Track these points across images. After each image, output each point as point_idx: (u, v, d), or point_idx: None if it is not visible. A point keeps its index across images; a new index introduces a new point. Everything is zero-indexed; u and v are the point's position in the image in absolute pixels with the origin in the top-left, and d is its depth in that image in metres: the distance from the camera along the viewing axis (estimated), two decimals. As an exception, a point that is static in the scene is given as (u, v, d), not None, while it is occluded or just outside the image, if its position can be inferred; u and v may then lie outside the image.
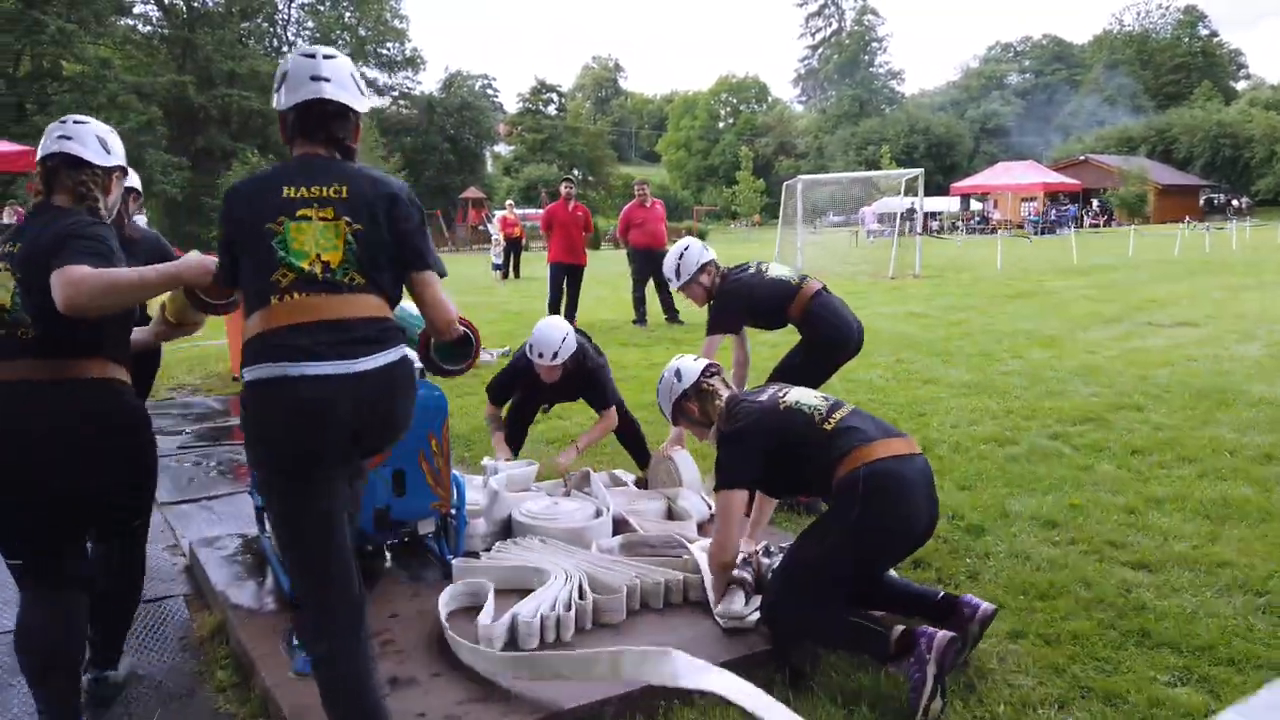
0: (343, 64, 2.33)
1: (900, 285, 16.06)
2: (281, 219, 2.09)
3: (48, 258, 2.19)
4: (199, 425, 6.27)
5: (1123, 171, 48.86)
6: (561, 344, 4.13)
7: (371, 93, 57.34)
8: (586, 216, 10.62)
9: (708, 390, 3.09)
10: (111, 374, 2.34)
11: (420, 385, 3.07)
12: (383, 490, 3.02)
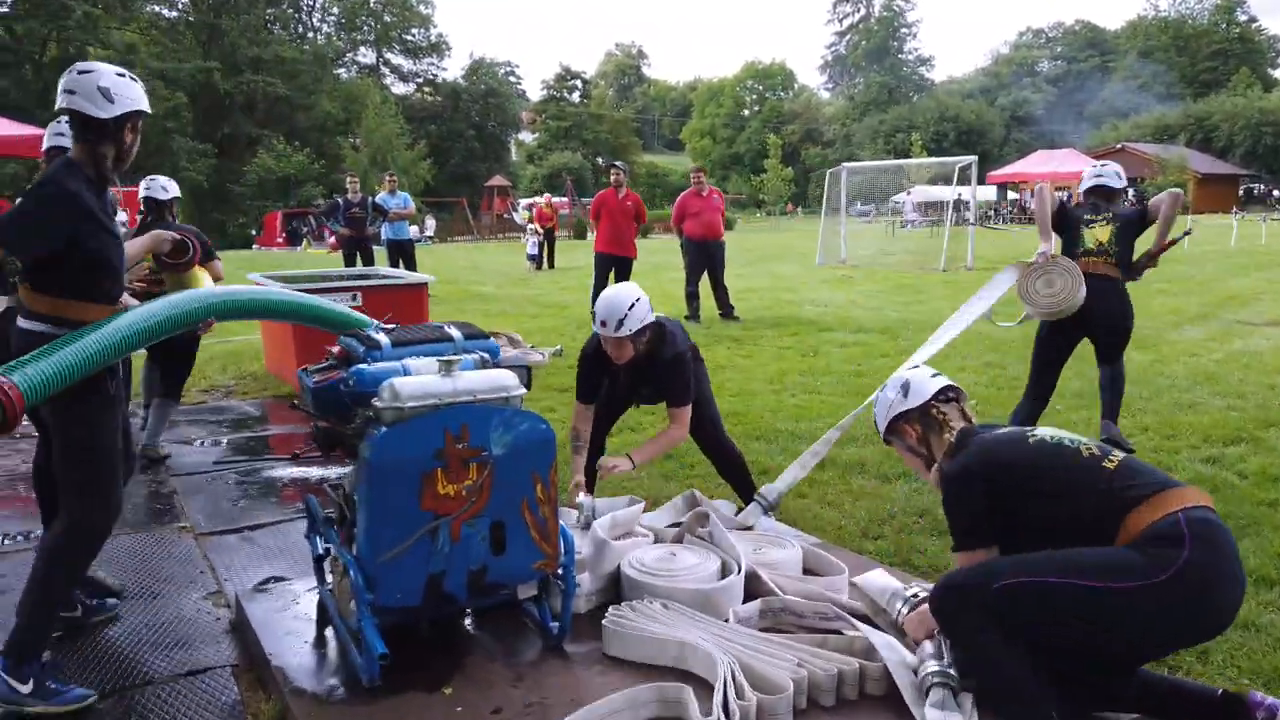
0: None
1: (954, 279, 15.31)
2: None
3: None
4: (234, 434, 5.72)
5: (1162, 160, 47.61)
6: (629, 311, 3.43)
7: (395, 79, 57.18)
8: (638, 206, 9.97)
9: (937, 418, 2.50)
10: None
11: (525, 416, 2.48)
12: (478, 548, 2.43)
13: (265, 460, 5.06)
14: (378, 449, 2.30)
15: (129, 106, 2.55)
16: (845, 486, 4.27)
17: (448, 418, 2.37)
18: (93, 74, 2.53)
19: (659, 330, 3.64)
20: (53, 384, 2.31)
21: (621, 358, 3.56)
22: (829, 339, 8.78)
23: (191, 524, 4.03)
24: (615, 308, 3.46)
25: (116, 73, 2.57)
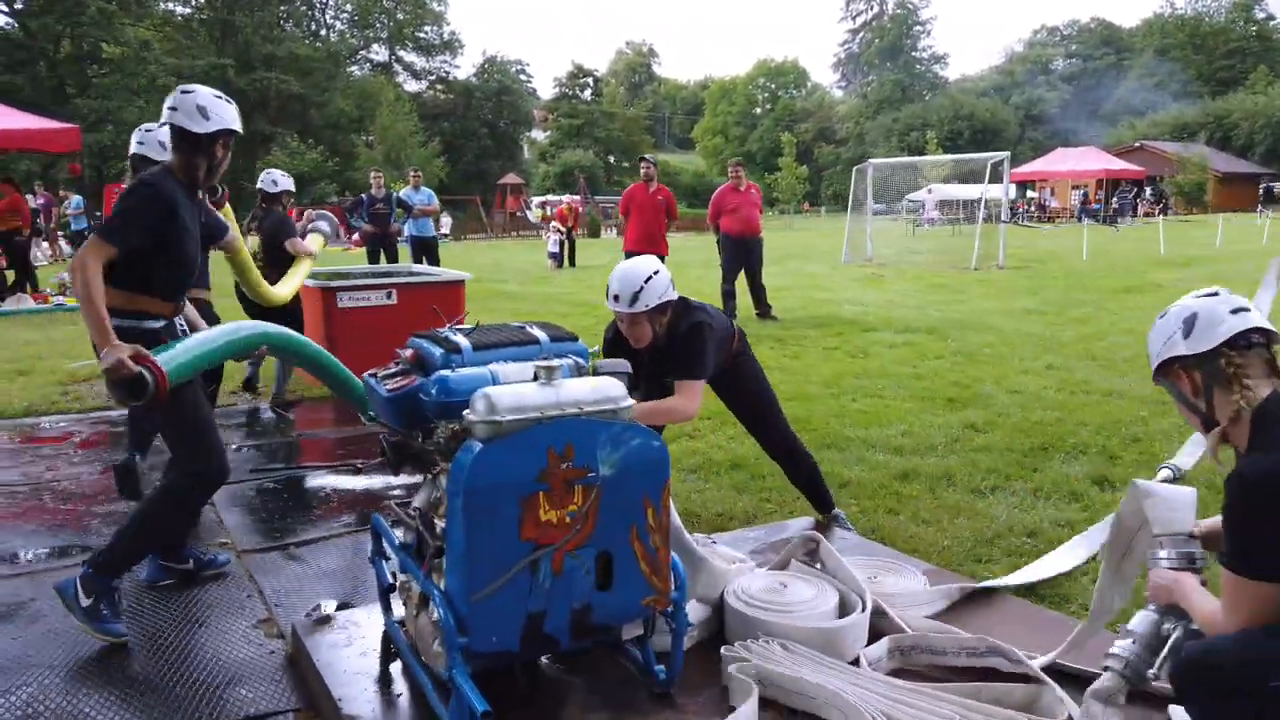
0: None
1: (987, 277, 14.94)
2: None
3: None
4: (267, 439, 5.42)
5: (1181, 158, 47.07)
6: (645, 284, 3.07)
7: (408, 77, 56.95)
8: (670, 201, 9.63)
9: (1227, 371, 1.84)
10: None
11: (635, 430, 2.15)
12: (582, 583, 2.11)
13: (304, 468, 4.75)
14: (473, 470, 1.98)
15: (221, 125, 2.89)
16: (936, 501, 3.93)
17: (551, 434, 2.05)
18: (193, 94, 2.88)
19: (682, 306, 3.26)
20: (188, 371, 2.76)
21: (640, 339, 3.17)
22: (875, 340, 8.44)
23: (233, 540, 3.72)
24: (630, 279, 3.08)
25: (214, 94, 2.94)
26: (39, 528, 3.86)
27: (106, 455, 5.05)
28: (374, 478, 4.51)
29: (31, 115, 12.67)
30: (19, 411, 6.02)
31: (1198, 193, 46.55)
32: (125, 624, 2.86)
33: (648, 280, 3.09)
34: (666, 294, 3.13)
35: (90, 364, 7.60)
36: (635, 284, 3.08)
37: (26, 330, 9.69)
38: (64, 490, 4.39)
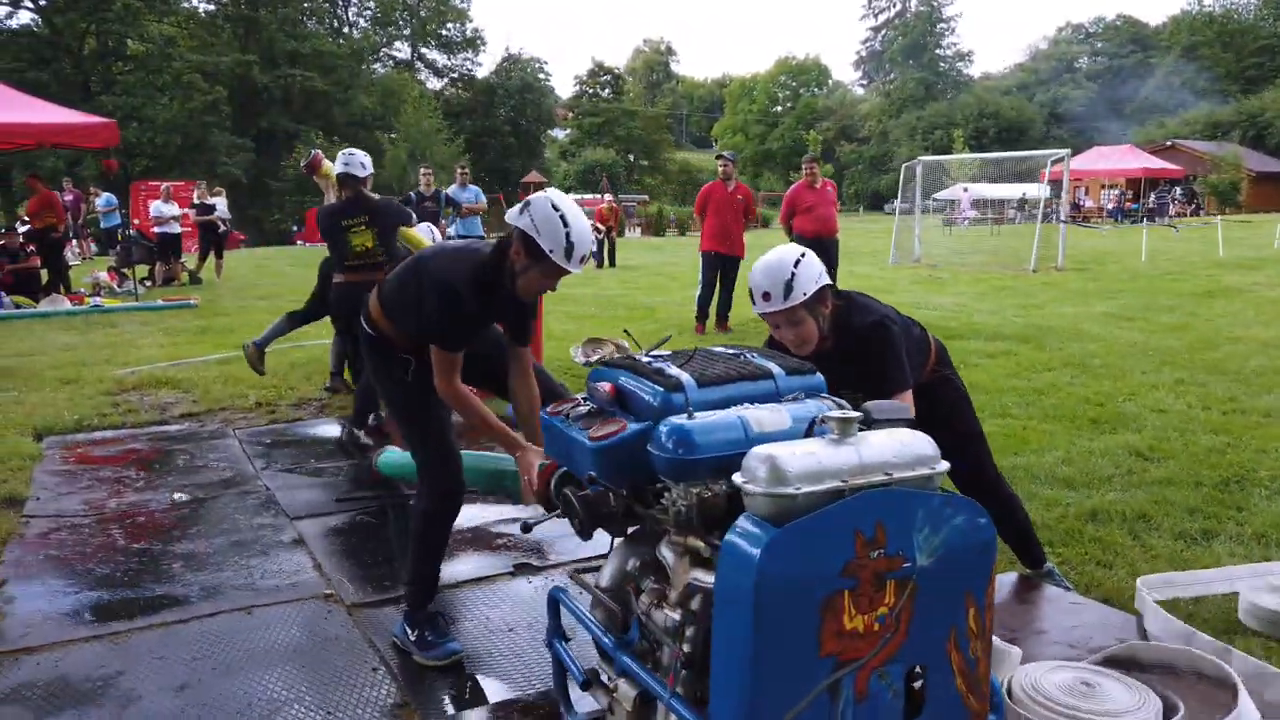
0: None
1: (1050, 280, 14.33)
2: None
3: (396, 219, 5.36)
4: (344, 461, 4.92)
5: (1215, 158, 46.20)
6: (795, 270, 2.52)
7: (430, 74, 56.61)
8: (749, 200, 9.12)
9: None
10: None
11: (958, 504, 1.63)
12: (888, 709, 1.58)
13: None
14: (765, 563, 1.46)
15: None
16: (1145, 549, 3.38)
17: (857, 511, 1.53)
18: (570, 228, 2.53)
19: (842, 297, 2.71)
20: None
21: (806, 341, 2.58)
22: (969, 349, 7.87)
23: (336, 590, 3.22)
24: (776, 268, 2.54)
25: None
26: (114, 572, 3.37)
27: (172, 478, 4.56)
28: (483, 506, 4.00)
29: (68, 110, 12.25)
30: (70, 426, 5.55)
31: (1232, 192, 45.65)
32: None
33: (797, 265, 2.53)
34: (822, 278, 2.57)
35: (138, 370, 7.15)
36: (784, 272, 2.52)
37: (65, 334, 9.26)
38: (134, 523, 3.90)
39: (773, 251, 2.60)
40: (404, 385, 2.77)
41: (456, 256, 2.63)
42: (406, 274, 2.73)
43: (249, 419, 5.85)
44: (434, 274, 2.59)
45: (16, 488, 4.29)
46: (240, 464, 4.85)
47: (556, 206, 2.44)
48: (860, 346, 2.60)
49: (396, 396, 2.84)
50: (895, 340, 2.63)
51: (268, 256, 23.12)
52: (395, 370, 2.76)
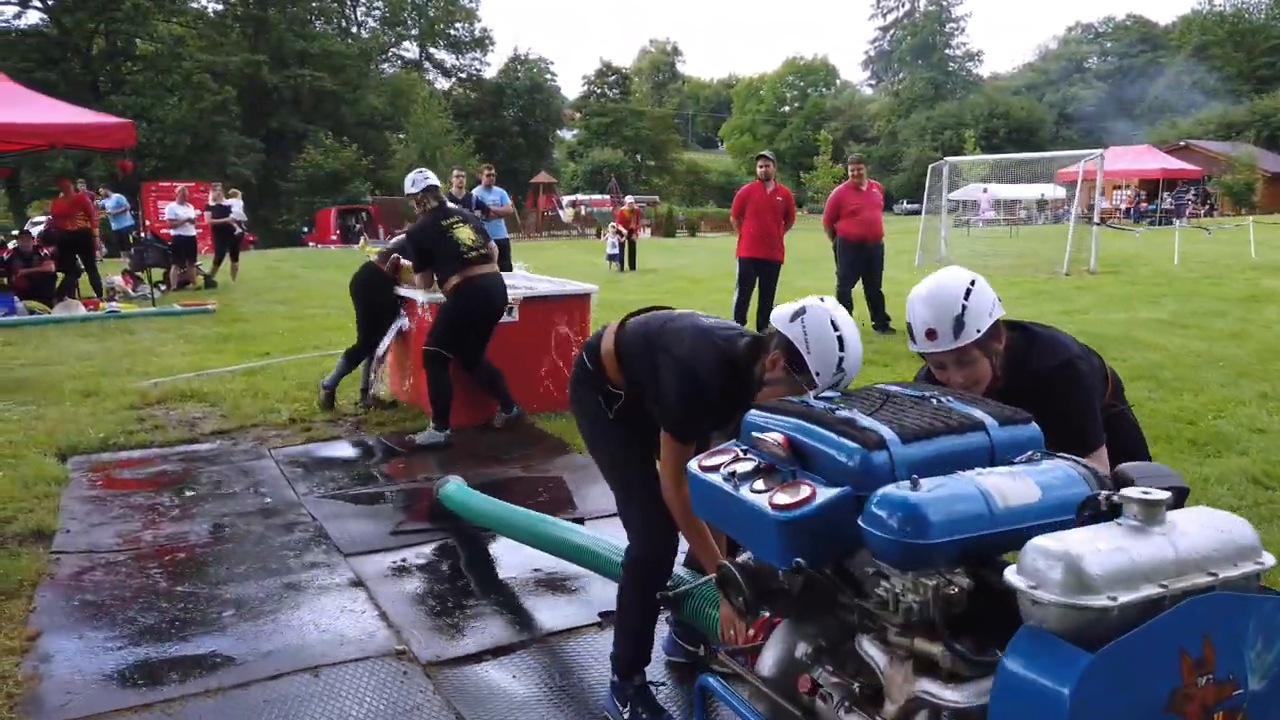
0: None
1: (1085, 283, 13.97)
2: None
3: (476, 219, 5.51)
4: (390, 485, 4.58)
5: (1230, 158, 45.80)
6: (966, 303, 2.10)
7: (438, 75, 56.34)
8: (789, 201, 8.75)
9: None
10: None
11: None
12: None
13: (457, 528, 3.89)
14: (1078, 700, 1.12)
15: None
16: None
17: (1182, 625, 1.18)
18: (835, 342, 2.17)
19: (1016, 329, 2.28)
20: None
21: (975, 383, 2.14)
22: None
23: (408, 644, 2.88)
24: (943, 300, 2.10)
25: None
26: (159, 623, 3.03)
27: (209, 505, 4.23)
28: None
29: (83, 110, 11.93)
30: (95, 444, 5.22)
31: (1246, 193, 45.25)
32: None
33: (968, 295, 2.11)
34: (996, 309, 2.16)
35: (161, 382, 6.82)
36: (952, 305, 2.09)
37: (82, 341, 8.93)
38: (174, 560, 3.56)
39: (934, 279, 2.20)
40: (605, 421, 2.49)
41: (704, 339, 2.29)
42: (648, 339, 2.40)
43: (283, 436, 5.52)
44: (676, 352, 2.28)
45: (44, 518, 3.96)
46: (280, 489, 4.51)
47: (836, 325, 2.06)
48: (1041, 388, 2.16)
49: (599, 433, 2.55)
50: (1087, 386, 2.22)
51: (280, 259, 22.81)
52: (599, 404, 2.49)
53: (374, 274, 5.95)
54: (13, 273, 11.07)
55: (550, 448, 5.18)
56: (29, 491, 4.31)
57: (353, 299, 6.09)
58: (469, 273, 5.14)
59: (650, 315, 2.50)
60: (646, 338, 2.40)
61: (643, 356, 2.38)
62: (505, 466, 4.85)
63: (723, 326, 2.36)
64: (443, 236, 5.21)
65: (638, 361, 2.40)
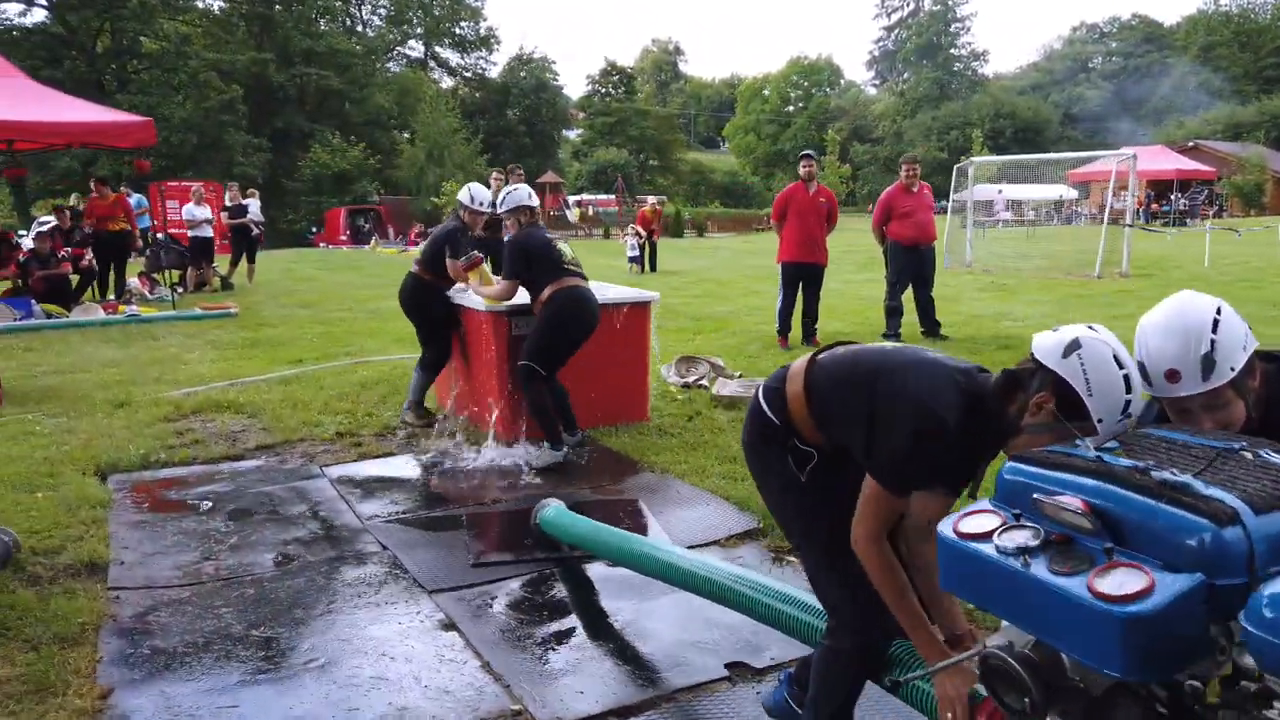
0: None
1: (1121, 287, 13.67)
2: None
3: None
4: (459, 508, 4.28)
5: (1240, 159, 45.57)
6: (1214, 337, 1.74)
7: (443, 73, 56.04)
8: (832, 203, 8.47)
9: None
10: None
11: None
12: None
13: (543, 558, 3.59)
14: None
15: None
16: None
17: None
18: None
19: (1270, 355, 1.93)
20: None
21: (1226, 427, 1.79)
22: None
23: (525, 705, 2.57)
24: (1187, 335, 1.75)
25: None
26: (243, 679, 2.72)
27: (268, 532, 3.93)
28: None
29: (102, 108, 11.64)
30: (136, 462, 4.92)
31: (1256, 194, 45.02)
32: None
33: (1216, 327, 1.75)
34: (1249, 342, 1.79)
35: (194, 392, 6.52)
36: (1198, 340, 1.73)
37: (104, 347, 8.63)
38: (242, 598, 3.26)
39: (1170, 307, 1.83)
40: (797, 486, 2.11)
41: (940, 374, 1.94)
42: (858, 376, 2.04)
43: (333, 452, 5.22)
44: (906, 389, 1.92)
45: (95, 547, 3.66)
46: (340, 512, 4.22)
47: (1120, 361, 1.70)
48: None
49: (791, 500, 2.17)
50: None
51: (293, 260, 22.52)
52: (788, 464, 2.11)
53: (419, 284, 5.63)
54: (29, 275, 10.77)
55: (618, 467, 4.89)
56: (73, 516, 4.01)
57: (406, 313, 5.77)
58: (566, 283, 4.87)
59: (850, 350, 2.13)
60: (855, 376, 2.03)
61: (849, 399, 2.01)
62: (573, 488, 4.55)
63: (955, 360, 2.00)
64: (549, 246, 4.99)
65: (842, 406, 2.03)
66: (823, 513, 2.09)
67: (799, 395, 2.09)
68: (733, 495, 4.23)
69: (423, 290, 5.59)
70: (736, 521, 3.97)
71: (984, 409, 1.85)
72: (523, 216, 5.08)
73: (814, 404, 2.07)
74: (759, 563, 3.60)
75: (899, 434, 1.87)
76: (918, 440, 1.85)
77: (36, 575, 3.36)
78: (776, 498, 2.20)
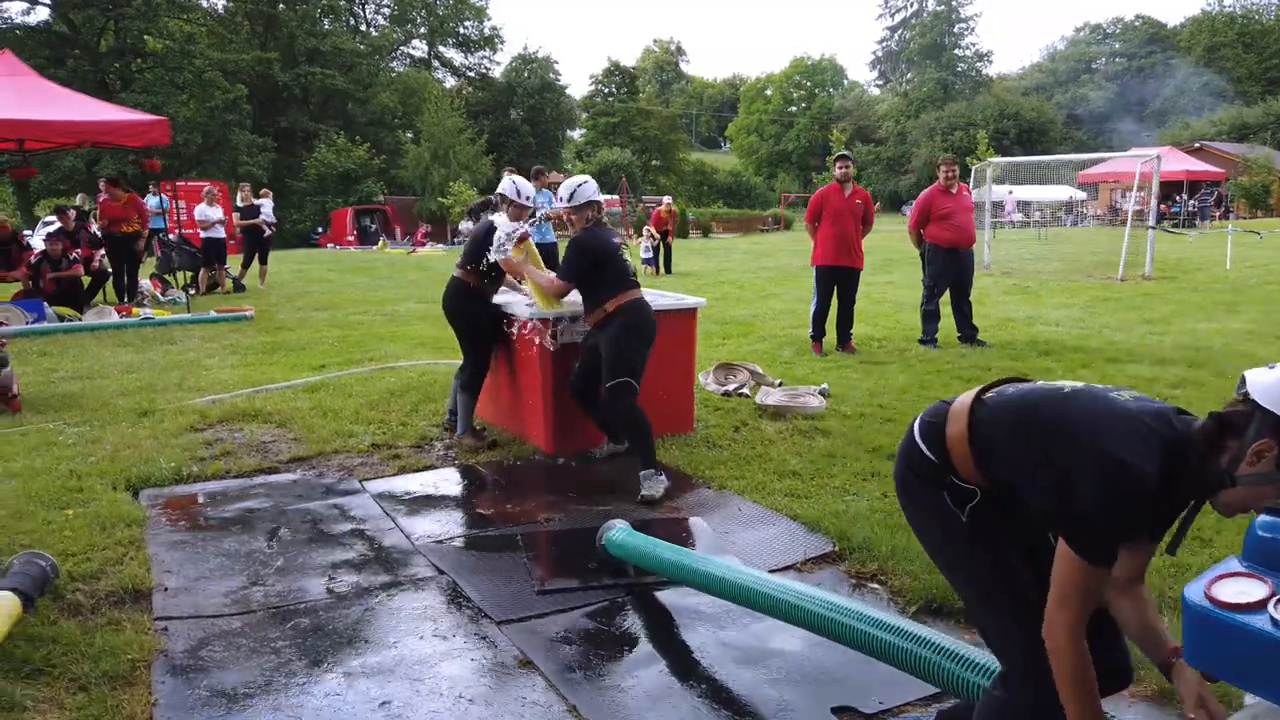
0: None
1: (1146, 289, 13.47)
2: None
3: None
4: (512, 526, 4.07)
5: (1247, 160, 45.41)
6: None
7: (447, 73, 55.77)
8: (868, 204, 8.25)
9: None
10: None
11: None
12: None
13: (600, 586, 3.37)
14: None
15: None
16: None
17: None
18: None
19: None
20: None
21: None
22: (1141, 376, 7.00)
23: None
24: None
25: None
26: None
27: (315, 554, 3.72)
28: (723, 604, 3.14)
29: (119, 107, 11.43)
30: (167, 476, 4.70)
31: (1263, 195, 44.88)
32: None
33: None
34: None
35: (219, 400, 6.31)
36: None
37: (121, 351, 8.42)
38: (297, 629, 3.05)
39: None
40: (957, 525, 1.90)
41: (1130, 420, 1.69)
42: (1037, 426, 1.80)
43: (371, 465, 5.01)
44: (1092, 440, 1.68)
45: (136, 571, 3.44)
46: (387, 531, 4.01)
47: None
48: None
49: (951, 540, 1.96)
50: None
51: (302, 261, 22.31)
52: (945, 502, 1.91)
53: (463, 288, 5.32)
54: (40, 276, 10.55)
55: (672, 482, 4.66)
56: (109, 536, 3.80)
57: (451, 321, 5.40)
58: (634, 295, 4.63)
59: (1021, 392, 1.90)
60: (1033, 425, 1.81)
61: (1026, 452, 1.79)
62: (623, 504, 4.33)
63: (1146, 402, 1.76)
64: (619, 254, 4.70)
65: (1012, 451, 1.82)
66: (990, 555, 1.87)
67: (961, 437, 1.87)
68: (802, 515, 4.02)
69: (468, 296, 5.25)
70: (810, 544, 3.76)
71: (1183, 459, 1.62)
72: (590, 213, 4.70)
73: (979, 449, 1.85)
74: (840, 589, 3.39)
75: (1095, 499, 1.63)
76: (1117, 504, 1.62)
77: (78, 604, 3.15)
78: (938, 538, 1.99)
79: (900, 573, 3.38)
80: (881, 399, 6.25)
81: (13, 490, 4.35)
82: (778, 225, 46.05)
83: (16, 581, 2.98)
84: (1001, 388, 1.91)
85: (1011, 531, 1.83)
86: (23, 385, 6.38)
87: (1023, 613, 1.80)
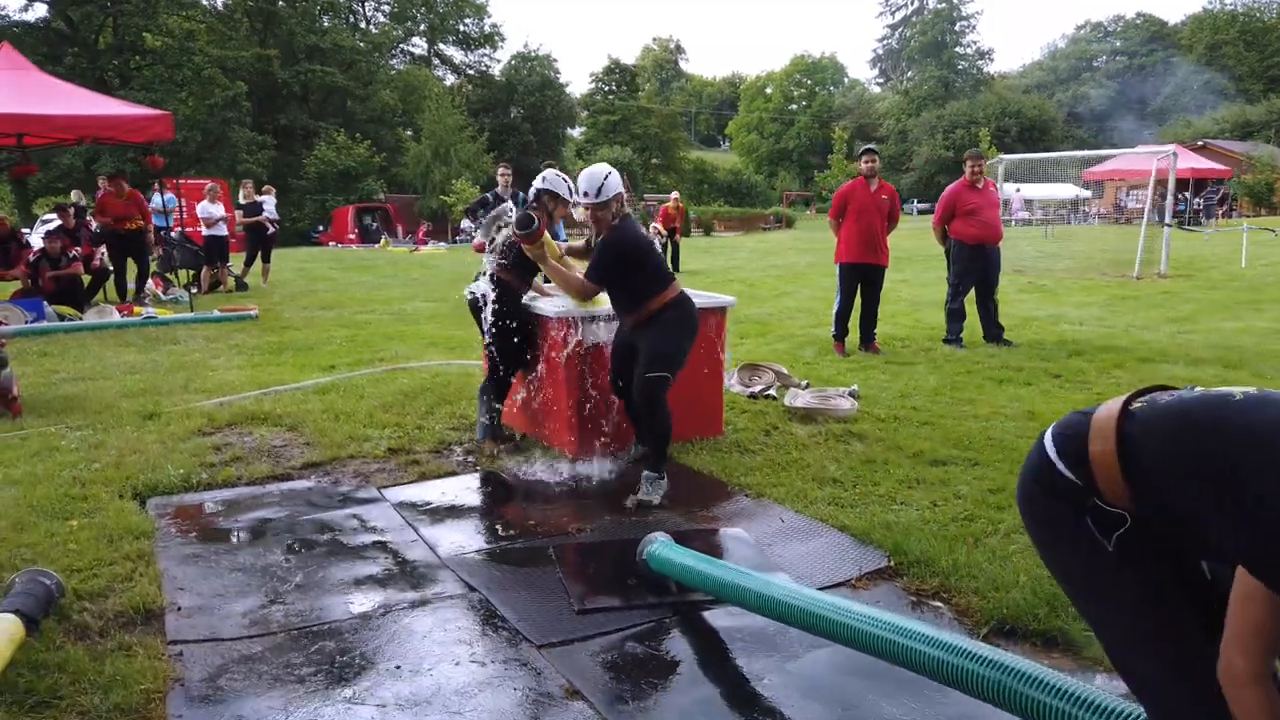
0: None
1: (1164, 288, 13.28)
2: None
3: None
4: (543, 537, 3.84)
5: (1251, 158, 45.30)
6: None
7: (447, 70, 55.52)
8: (894, 200, 8.03)
9: None
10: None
11: None
12: None
13: (643, 605, 3.15)
14: None
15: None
16: None
17: None
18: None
19: None
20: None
21: None
22: (1173, 376, 6.78)
23: None
24: None
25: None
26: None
27: (336, 569, 3.49)
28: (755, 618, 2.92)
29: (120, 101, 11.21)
30: (176, 484, 4.47)
31: (1267, 193, 44.76)
32: None
33: None
34: None
35: (226, 402, 6.08)
36: None
37: (124, 352, 8.19)
38: (322, 654, 2.82)
39: None
40: (1102, 556, 1.64)
41: None
42: (1208, 442, 1.52)
43: (388, 471, 4.78)
44: (1267, 439, 1.43)
45: (146, 589, 3.22)
46: (410, 544, 3.78)
47: None
48: None
49: (1094, 572, 1.69)
50: None
51: (304, 259, 22.09)
52: (1087, 528, 1.65)
53: (498, 285, 5.04)
54: (40, 275, 10.32)
55: (706, 489, 4.45)
56: (116, 550, 3.57)
57: (477, 321, 5.16)
58: (677, 289, 4.40)
59: (1179, 400, 1.63)
60: (1201, 440, 1.53)
61: (1195, 462, 1.52)
62: (662, 513, 4.11)
63: None
64: (654, 248, 4.51)
65: (1179, 468, 1.55)
66: (1144, 589, 1.61)
67: (1109, 455, 1.61)
68: (850, 526, 3.79)
69: (501, 294, 4.96)
70: (862, 557, 3.54)
71: None
72: (616, 205, 4.37)
73: (1132, 468, 1.59)
74: (899, 608, 3.16)
75: (1269, 504, 1.38)
76: None
77: (85, 626, 2.93)
78: (1078, 573, 1.72)
79: (965, 590, 3.16)
80: (914, 401, 6.04)
81: (13, 499, 4.12)
82: (780, 224, 45.83)
83: (19, 603, 2.76)
84: (1151, 396, 1.66)
85: (1168, 563, 1.59)
86: (23, 387, 6.15)
87: (1189, 661, 1.55)
